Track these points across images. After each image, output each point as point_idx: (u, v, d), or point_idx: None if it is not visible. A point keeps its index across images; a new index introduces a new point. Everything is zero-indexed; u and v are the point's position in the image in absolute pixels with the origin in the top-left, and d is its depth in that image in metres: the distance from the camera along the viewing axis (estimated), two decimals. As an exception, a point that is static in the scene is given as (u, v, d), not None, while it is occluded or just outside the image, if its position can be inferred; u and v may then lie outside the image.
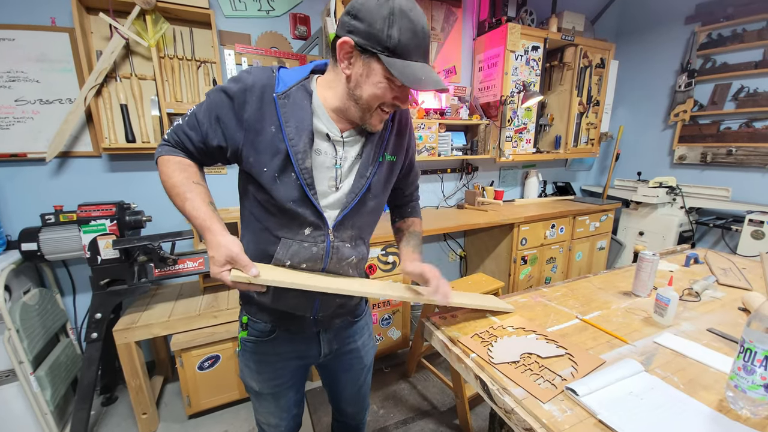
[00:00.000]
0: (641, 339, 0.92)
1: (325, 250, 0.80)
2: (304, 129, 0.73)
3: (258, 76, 0.74)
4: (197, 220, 0.72)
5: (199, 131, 0.76)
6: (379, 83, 0.69)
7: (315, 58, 2.15)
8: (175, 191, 0.75)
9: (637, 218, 2.96)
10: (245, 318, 0.90)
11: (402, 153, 0.89)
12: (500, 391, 0.74)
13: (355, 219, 0.82)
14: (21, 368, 1.47)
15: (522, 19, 2.55)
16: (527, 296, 1.19)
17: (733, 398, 0.69)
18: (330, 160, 0.78)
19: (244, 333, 0.90)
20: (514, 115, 2.54)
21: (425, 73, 0.68)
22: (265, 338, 0.89)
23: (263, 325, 0.88)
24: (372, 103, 0.72)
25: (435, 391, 1.98)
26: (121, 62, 1.73)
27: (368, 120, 0.75)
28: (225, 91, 0.74)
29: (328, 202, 0.79)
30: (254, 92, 0.72)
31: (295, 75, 0.77)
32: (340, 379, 1.05)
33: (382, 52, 0.66)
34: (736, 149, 2.57)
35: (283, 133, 0.72)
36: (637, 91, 3.17)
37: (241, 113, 0.73)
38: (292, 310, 0.85)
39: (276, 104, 0.72)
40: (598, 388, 0.71)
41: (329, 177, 0.79)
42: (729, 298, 1.18)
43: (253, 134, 0.73)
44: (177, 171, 0.76)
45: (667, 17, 2.90)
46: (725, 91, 2.61)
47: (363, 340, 1.02)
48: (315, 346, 0.93)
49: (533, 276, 2.58)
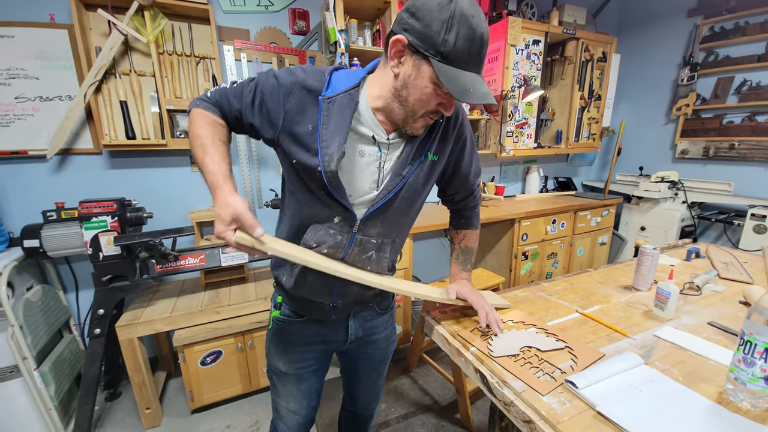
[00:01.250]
0: (641, 332, 0.93)
1: (349, 241, 0.81)
2: (339, 133, 0.73)
3: (311, 74, 0.75)
4: (211, 176, 0.72)
5: (240, 102, 0.78)
6: (426, 87, 0.68)
7: (314, 54, 2.14)
8: (199, 141, 0.76)
9: (638, 213, 2.95)
10: (279, 298, 0.93)
11: (446, 152, 0.87)
12: (500, 384, 0.75)
13: (384, 216, 0.82)
14: (25, 364, 1.49)
15: (523, 13, 2.53)
16: (527, 290, 1.19)
17: (733, 390, 0.69)
18: (374, 162, 0.79)
19: (277, 312, 0.93)
20: (515, 110, 2.53)
21: (474, 84, 0.66)
22: (296, 319, 0.92)
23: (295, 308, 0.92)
24: (416, 107, 0.71)
25: (436, 386, 1.99)
26: (120, 59, 1.73)
27: (411, 124, 0.74)
28: (276, 77, 0.75)
29: (364, 199, 0.80)
30: (304, 89, 0.74)
31: (346, 81, 0.77)
32: (359, 367, 1.06)
33: (435, 56, 0.64)
34: (739, 143, 2.55)
35: (318, 133, 0.73)
36: (639, 85, 3.15)
37: (285, 102, 0.74)
38: (310, 296, 0.87)
39: (320, 106, 0.73)
40: (598, 381, 0.72)
41: (372, 179, 0.79)
42: (730, 291, 1.18)
43: (291, 125, 0.74)
44: (208, 125, 0.77)
45: (669, 10, 2.87)
46: (728, 85, 2.59)
47: (386, 333, 1.03)
48: (342, 331, 0.95)
49: (534, 271, 2.58)
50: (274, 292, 0.95)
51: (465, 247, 1.03)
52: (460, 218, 1.05)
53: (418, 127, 0.75)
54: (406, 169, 0.79)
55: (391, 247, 0.88)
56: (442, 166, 0.89)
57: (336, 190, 0.75)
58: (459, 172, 0.94)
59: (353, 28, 1.97)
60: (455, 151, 0.90)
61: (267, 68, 2.04)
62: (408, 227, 0.93)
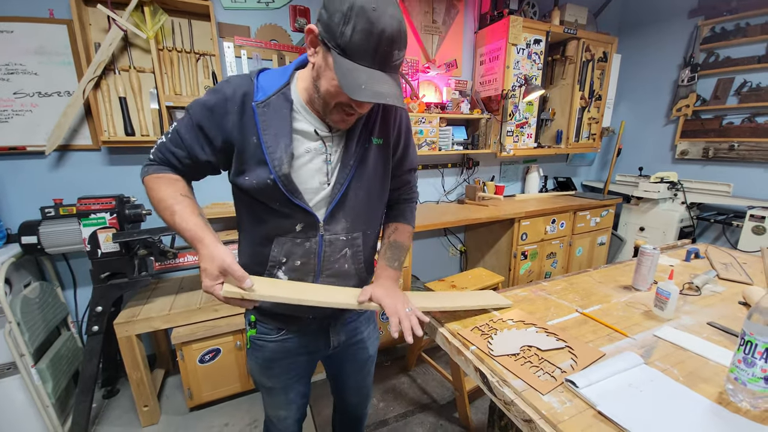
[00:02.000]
0: (641, 332, 0.92)
1: (318, 245, 0.80)
2: (283, 135, 0.72)
3: (237, 84, 0.73)
4: (188, 233, 0.70)
5: (184, 148, 0.75)
6: (333, 79, 0.65)
7: (315, 51, 2.14)
8: (162, 205, 0.73)
9: (637, 214, 2.96)
10: (253, 317, 0.90)
11: (390, 137, 0.86)
12: (500, 383, 0.74)
13: (346, 210, 0.81)
14: (22, 361, 1.48)
15: (524, 12, 2.53)
16: (527, 290, 1.19)
17: (733, 390, 0.69)
18: (320, 157, 0.77)
19: (253, 331, 0.90)
20: (515, 110, 2.53)
21: (371, 82, 0.62)
22: (274, 336, 0.90)
23: (272, 324, 0.89)
24: (327, 99, 0.70)
25: (435, 385, 1.99)
26: (120, 55, 1.72)
27: (329, 117, 0.73)
28: (205, 103, 0.73)
29: (320, 198, 0.79)
30: (235, 102, 0.72)
31: (276, 80, 0.75)
32: (345, 369, 1.06)
33: (335, 48, 0.62)
34: (739, 144, 2.55)
35: (262, 142, 0.71)
36: (640, 85, 3.15)
37: (224, 125, 0.72)
38: (290, 312, 0.86)
39: (255, 114, 0.72)
40: (598, 380, 0.71)
41: (321, 174, 0.78)
42: (729, 292, 1.18)
43: (238, 145, 0.73)
44: (163, 186, 0.75)
45: (670, 11, 2.87)
46: (728, 86, 2.59)
47: (368, 332, 1.03)
48: (324, 339, 0.94)
49: (533, 271, 2.58)
50: (248, 313, 0.91)
51: (395, 242, 0.95)
52: (394, 210, 1.00)
53: (337, 120, 0.74)
54: (352, 159, 0.79)
55: (362, 240, 0.87)
56: (390, 151, 0.87)
57: (294, 194, 0.74)
58: (396, 158, 0.92)
59: (354, 26, 1.97)
60: (396, 136, 0.88)
61: (267, 64, 2.05)
62: (377, 217, 0.92)
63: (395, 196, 1.00)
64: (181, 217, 0.71)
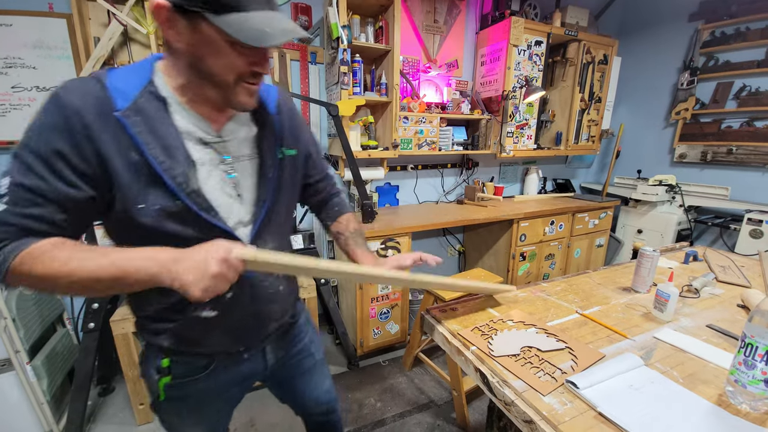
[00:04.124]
0: (641, 334, 0.93)
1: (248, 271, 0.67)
2: (176, 146, 0.59)
3: (82, 90, 0.54)
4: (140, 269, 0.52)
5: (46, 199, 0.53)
6: (221, 51, 0.55)
7: (316, 49, 2.13)
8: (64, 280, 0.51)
9: (636, 216, 2.97)
10: (166, 361, 0.72)
11: (300, 143, 0.80)
12: (500, 384, 0.74)
13: (272, 227, 0.73)
14: (17, 357, 1.46)
15: (525, 13, 2.53)
16: (527, 290, 1.19)
17: (733, 393, 0.69)
18: (217, 168, 0.65)
19: (167, 379, 0.72)
20: (515, 111, 2.53)
21: (270, 23, 0.54)
22: (199, 374, 0.75)
23: (196, 360, 0.74)
24: (226, 76, 0.58)
25: (432, 385, 1.98)
26: (119, 49, 1.71)
27: (233, 99, 0.61)
28: (51, 125, 0.53)
29: (235, 216, 0.67)
30: (88, 114, 0.53)
31: (133, 78, 0.59)
32: (299, 384, 0.96)
33: (205, 9, 0.51)
34: (737, 148, 2.57)
35: (149, 158, 0.56)
36: (639, 88, 3.16)
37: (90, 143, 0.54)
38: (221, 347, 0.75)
39: (125, 125, 0.55)
40: (598, 382, 0.71)
41: (227, 185, 0.66)
42: (728, 295, 1.18)
43: (110, 167, 0.55)
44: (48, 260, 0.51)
45: (670, 14, 2.88)
46: (727, 90, 2.60)
47: (309, 336, 0.96)
48: (260, 360, 0.83)
49: (531, 272, 2.58)
50: (152, 358, 0.73)
51: (355, 231, 0.92)
52: (332, 206, 0.96)
53: (245, 100, 0.62)
54: (271, 171, 0.71)
55: None
56: (302, 160, 0.82)
57: (210, 214, 0.62)
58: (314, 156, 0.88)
59: (356, 24, 1.96)
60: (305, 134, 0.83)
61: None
62: (289, 230, 0.84)
63: (324, 195, 0.95)
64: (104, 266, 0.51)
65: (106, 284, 0.52)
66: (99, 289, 0.54)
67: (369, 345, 2.11)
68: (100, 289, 0.54)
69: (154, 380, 0.73)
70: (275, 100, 0.75)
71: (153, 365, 0.73)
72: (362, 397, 1.89)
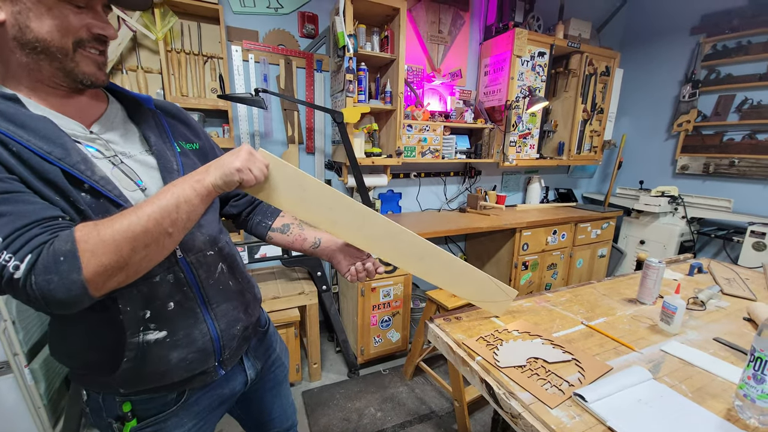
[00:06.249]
0: (648, 347, 0.92)
1: (186, 271, 0.63)
2: (57, 134, 0.51)
3: None
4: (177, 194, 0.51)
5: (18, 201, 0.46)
6: (50, 8, 0.49)
7: (322, 57, 2.15)
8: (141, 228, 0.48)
9: (638, 227, 2.96)
10: (127, 405, 0.63)
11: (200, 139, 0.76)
12: (507, 396, 0.73)
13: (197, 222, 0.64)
14: (15, 360, 1.45)
15: (529, 25, 2.56)
16: (531, 300, 1.18)
17: (742, 407, 0.68)
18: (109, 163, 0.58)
19: (132, 423, 0.64)
20: (518, 120, 2.54)
21: None
22: (170, 409, 0.67)
23: (164, 396, 0.66)
24: (58, 41, 0.50)
25: (434, 395, 1.96)
26: (128, 54, 1.72)
27: (76, 69, 0.53)
28: None
29: None
30: None
31: None
32: (267, 398, 0.91)
33: None
34: (739, 161, 2.57)
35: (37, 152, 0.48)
36: (641, 100, 3.18)
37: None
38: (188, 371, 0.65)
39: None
40: (607, 395, 0.70)
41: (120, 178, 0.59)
42: (734, 308, 1.17)
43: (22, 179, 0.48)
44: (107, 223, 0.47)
45: (672, 27, 2.92)
46: (729, 103, 2.62)
47: (279, 346, 0.93)
48: (240, 377, 0.78)
49: (534, 282, 2.57)
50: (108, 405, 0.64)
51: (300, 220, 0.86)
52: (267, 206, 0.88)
53: (90, 69, 0.55)
54: (173, 163, 0.65)
55: (229, 249, 0.75)
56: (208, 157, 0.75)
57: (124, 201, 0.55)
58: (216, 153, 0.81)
59: (362, 33, 1.98)
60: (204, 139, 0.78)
61: (274, 69, 2.06)
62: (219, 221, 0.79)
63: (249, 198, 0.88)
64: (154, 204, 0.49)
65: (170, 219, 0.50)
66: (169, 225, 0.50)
67: (370, 353, 2.09)
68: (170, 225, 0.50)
69: (115, 429, 0.64)
70: (152, 100, 0.71)
71: (111, 413, 0.64)
72: (362, 406, 1.87)
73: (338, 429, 1.71)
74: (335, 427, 1.73)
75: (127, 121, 0.67)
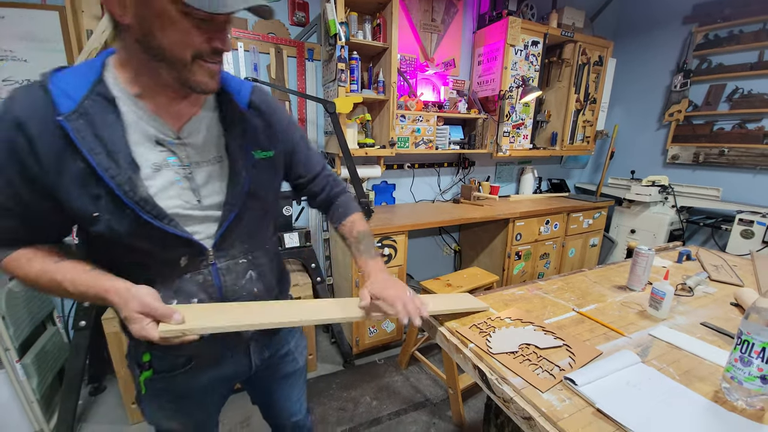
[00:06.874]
0: (637, 331, 0.93)
1: (213, 275, 0.68)
2: (119, 150, 0.55)
3: (25, 102, 0.53)
4: (90, 292, 0.58)
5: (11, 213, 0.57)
6: (174, 22, 0.50)
7: (313, 46, 2.12)
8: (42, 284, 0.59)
9: (629, 216, 3.00)
10: (147, 356, 0.72)
11: (278, 142, 0.75)
12: (499, 381, 0.74)
13: (241, 230, 0.70)
14: (6, 355, 1.44)
15: (522, 14, 2.54)
16: (524, 288, 1.19)
17: (729, 389, 0.70)
18: (174, 171, 0.62)
19: (148, 373, 0.72)
20: (512, 111, 2.54)
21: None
22: (180, 370, 0.74)
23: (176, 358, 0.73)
24: (179, 53, 0.53)
25: (428, 384, 1.99)
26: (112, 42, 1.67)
27: (191, 78, 0.56)
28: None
29: (196, 220, 0.65)
30: (32, 127, 0.52)
31: (81, 78, 0.56)
32: (277, 390, 0.94)
33: None
34: (728, 150, 2.60)
35: (94, 165, 0.53)
36: (634, 90, 3.19)
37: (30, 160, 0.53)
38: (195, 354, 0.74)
39: (69, 131, 0.52)
40: (596, 379, 0.72)
41: (185, 192, 0.63)
42: (721, 293, 1.20)
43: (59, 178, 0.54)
44: (25, 266, 0.59)
45: (664, 17, 2.92)
46: (720, 92, 2.64)
47: (295, 341, 0.94)
48: (244, 360, 0.81)
49: (527, 271, 2.59)
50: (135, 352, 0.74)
51: (360, 233, 0.88)
52: (336, 207, 0.92)
53: (203, 80, 0.57)
54: (243, 172, 0.67)
55: (266, 257, 0.78)
56: (281, 161, 0.78)
57: (165, 221, 0.59)
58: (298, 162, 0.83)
59: (353, 21, 1.95)
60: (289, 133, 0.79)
61: (264, 58, 2.02)
62: (271, 231, 0.82)
63: (325, 196, 0.91)
64: (71, 283, 0.58)
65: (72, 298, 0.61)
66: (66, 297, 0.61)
67: (365, 343, 2.11)
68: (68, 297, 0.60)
69: (137, 374, 0.73)
70: (248, 95, 0.70)
71: (135, 360, 0.73)
72: (358, 395, 1.89)
73: (334, 418, 1.73)
74: (331, 416, 1.74)
75: (215, 122, 0.67)
